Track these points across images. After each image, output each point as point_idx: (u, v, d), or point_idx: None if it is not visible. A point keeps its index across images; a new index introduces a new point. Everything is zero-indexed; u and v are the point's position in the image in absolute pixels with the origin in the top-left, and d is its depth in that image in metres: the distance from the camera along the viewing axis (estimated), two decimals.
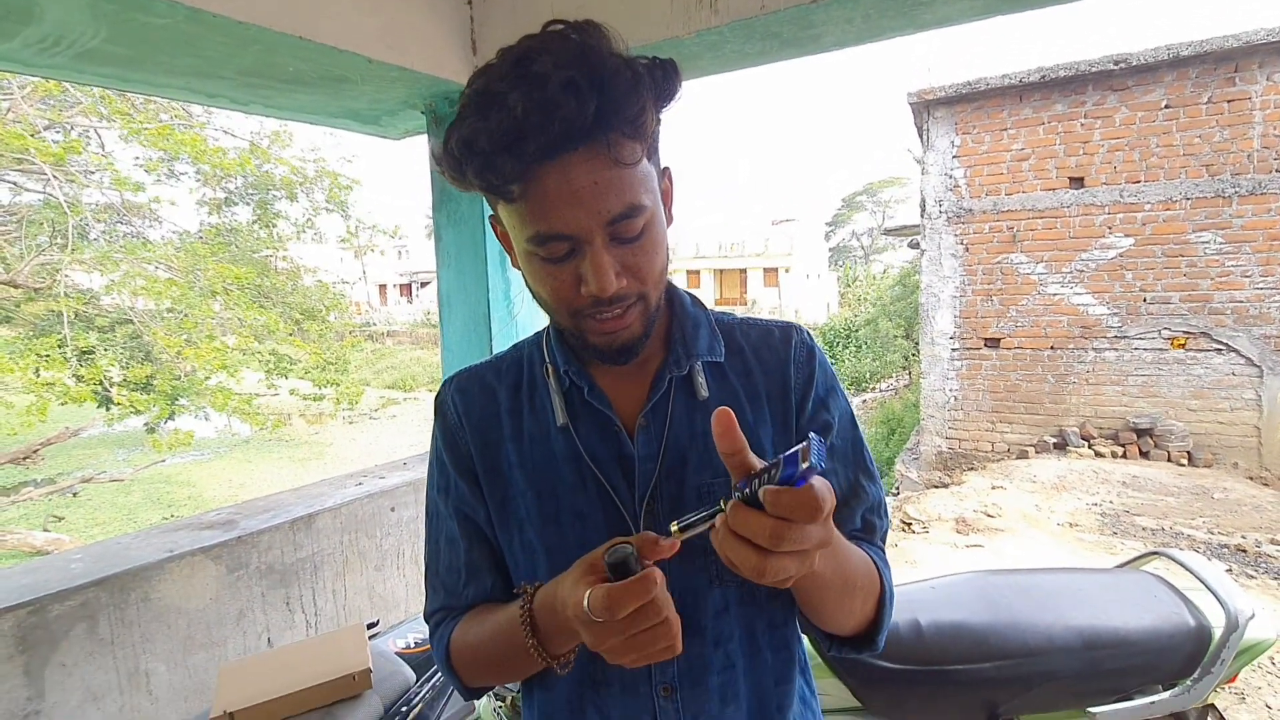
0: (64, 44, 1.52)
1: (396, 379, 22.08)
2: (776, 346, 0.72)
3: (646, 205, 0.58)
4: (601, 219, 0.55)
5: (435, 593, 0.75)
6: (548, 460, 0.68)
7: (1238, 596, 1.42)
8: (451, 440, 0.72)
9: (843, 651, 0.72)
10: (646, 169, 0.59)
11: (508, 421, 0.71)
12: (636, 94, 0.54)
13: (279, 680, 1.12)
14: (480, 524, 0.72)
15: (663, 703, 0.66)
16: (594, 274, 0.57)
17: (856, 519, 0.72)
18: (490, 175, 0.55)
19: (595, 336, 0.62)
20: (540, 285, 0.61)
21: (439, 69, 2.00)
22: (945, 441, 7.74)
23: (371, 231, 10.36)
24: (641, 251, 0.59)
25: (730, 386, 0.70)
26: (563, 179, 0.54)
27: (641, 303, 0.62)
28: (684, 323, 0.71)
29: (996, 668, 1.40)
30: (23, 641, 1.26)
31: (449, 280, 2.32)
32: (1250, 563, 4.25)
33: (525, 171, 0.54)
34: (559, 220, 0.55)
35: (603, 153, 0.54)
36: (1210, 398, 6.64)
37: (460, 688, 0.72)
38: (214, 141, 7.70)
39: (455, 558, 0.73)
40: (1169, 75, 6.55)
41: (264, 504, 1.90)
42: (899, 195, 41.24)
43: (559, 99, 0.51)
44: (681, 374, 0.69)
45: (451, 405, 0.73)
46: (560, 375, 0.69)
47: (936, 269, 7.65)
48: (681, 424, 0.68)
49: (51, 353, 6.73)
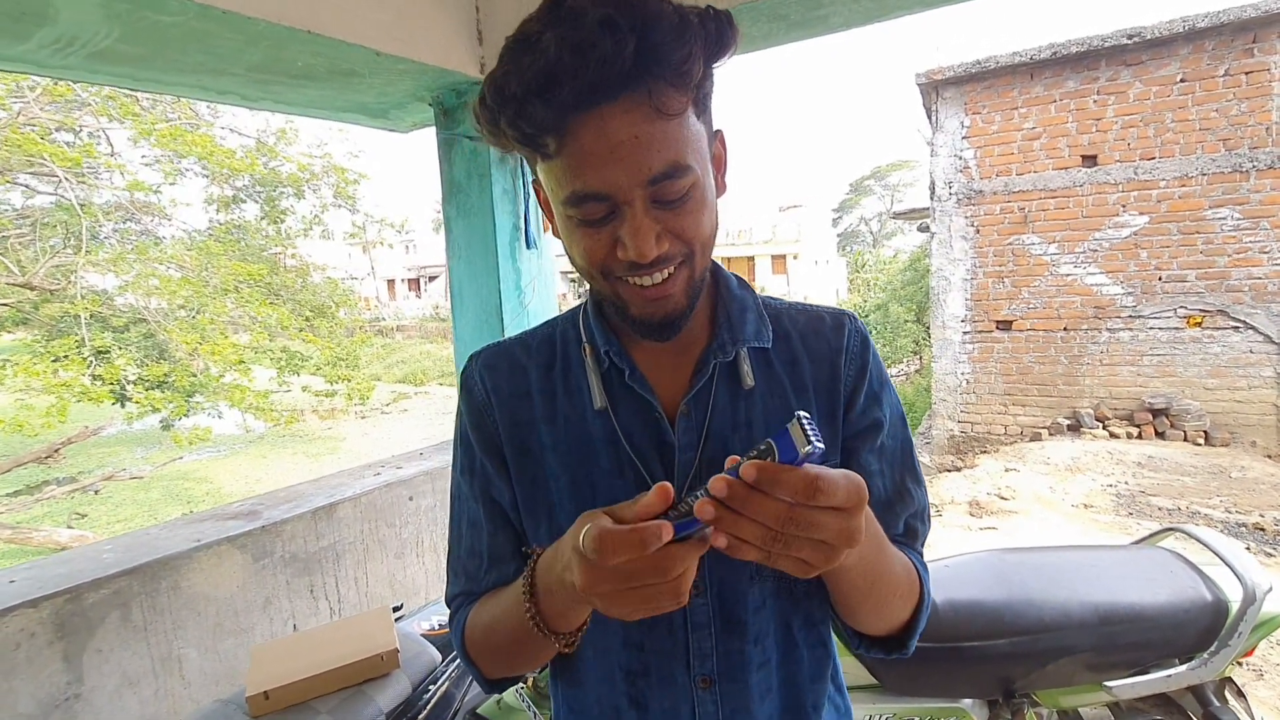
0: (77, 44, 1.54)
1: (407, 373, 22.21)
2: (827, 335, 0.68)
3: (692, 166, 0.53)
4: (641, 177, 0.51)
5: (456, 577, 0.72)
6: (584, 444, 0.65)
7: (1255, 570, 1.42)
8: (478, 418, 0.69)
9: (871, 652, 0.69)
10: (695, 127, 0.54)
11: (540, 402, 0.67)
12: (682, 39, 0.49)
13: (310, 660, 1.15)
14: (505, 507, 0.68)
15: (701, 694, 0.64)
16: (632, 238, 0.53)
17: (900, 524, 0.69)
18: (523, 123, 0.51)
19: (637, 308, 0.58)
20: (577, 250, 0.57)
21: (446, 60, 2.01)
22: (958, 425, 7.71)
23: (380, 226, 10.40)
24: (686, 214, 0.55)
25: (776, 375, 0.66)
26: (600, 133, 0.50)
27: (686, 268, 0.57)
28: (730, 305, 0.67)
29: (1012, 644, 1.41)
30: (61, 628, 1.30)
31: (460, 272, 2.34)
32: (1269, 541, 4.22)
33: (560, 122, 0.50)
34: (596, 178, 0.51)
35: (644, 103, 0.50)
36: (1227, 376, 6.56)
37: (480, 678, 0.69)
38: (221, 141, 7.75)
39: (478, 542, 0.70)
40: (1184, 48, 6.42)
41: (285, 495, 1.94)
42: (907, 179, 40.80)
43: (594, 38, 0.47)
44: (727, 359, 0.65)
45: (479, 381, 0.69)
46: (600, 355, 0.66)
47: (947, 252, 7.58)
48: (724, 413, 0.64)
49: (69, 353, 6.84)
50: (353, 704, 1.13)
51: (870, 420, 0.67)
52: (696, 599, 0.63)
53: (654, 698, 0.65)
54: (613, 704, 0.66)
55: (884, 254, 29.48)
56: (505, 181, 2.24)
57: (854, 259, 28.46)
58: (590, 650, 0.67)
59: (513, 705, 1.46)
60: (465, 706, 1.40)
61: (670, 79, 0.50)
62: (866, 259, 27.14)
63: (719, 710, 0.64)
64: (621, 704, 0.65)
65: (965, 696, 1.48)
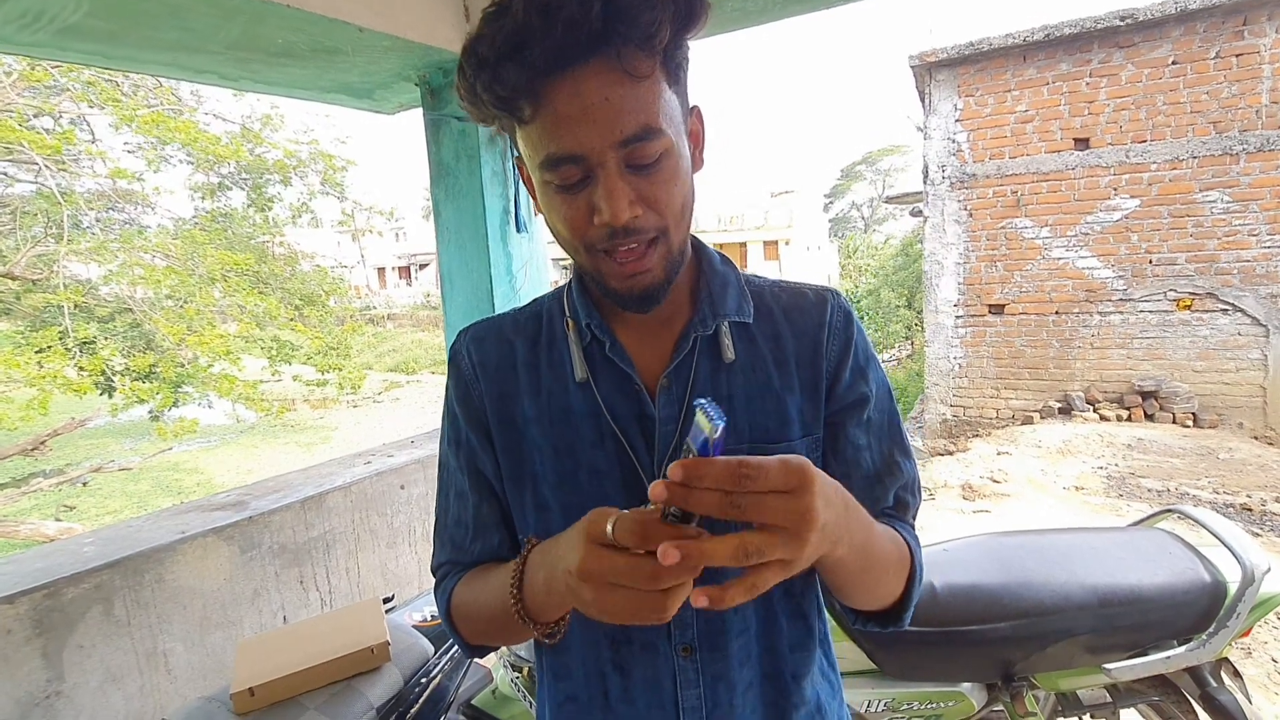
0: (45, 19, 1.47)
1: (398, 362, 22.11)
2: (809, 310, 0.70)
3: (664, 130, 0.55)
4: (613, 138, 0.53)
5: (443, 546, 0.74)
6: (565, 416, 0.66)
7: (1253, 550, 1.41)
8: (465, 392, 0.71)
9: (868, 626, 0.72)
10: (668, 96, 0.56)
11: (524, 375, 0.69)
12: (650, 3, 0.51)
13: (297, 654, 1.12)
14: (490, 479, 0.70)
15: (682, 662, 0.66)
16: (606, 199, 0.54)
17: (890, 496, 0.71)
18: (498, 87, 0.53)
19: (615, 280, 0.59)
20: (555, 217, 0.59)
21: (431, 37, 1.95)
22: (950, 409, 7.74)
23: (368, 213, 10.27)
24: (659, 182, 0.56)
25: (758, 350, 0.68)
26: (573, 94, 0.52)
27: (662, 243, 0.59)
28: (711, 281, 0.69)
29: (1011, 627, 1.40)
30: (40, 624, 1.26)
31: (449, 256, 2.29)
32: (1256, 521, 4.26)
33: (533, 84, 0.52)
34: (570, 139, 0.53)
35: (615, 67, 0.52)
36: (1216, 358, 6.61)
37: (461, 644, 0.72)
38: (205, 126, 7.60)
39: (464, 512, 0.72)
40: (1176, 30, 6.40)
41: (273, 484, 1.90)
42: (899, 164, 40.75)
43: (561, 1, 0.50)
44: (707, 333, 0.66)
45: (466, 356, 0.71)
46: (581, 329, 0.67)
47: (940, 236, 7.57)
48: (705, 387, 0.65)
49: (53, 344, 6.72)
50: (342, 699, 1.10)
51: (856, 395, 0.69)
52: None
53: (637, 664, 0.66)
54: (597, 669, 0.67)
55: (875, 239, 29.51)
56: (495, 163, 2.18)
57: (846, 244, 28.46)
58: (576, 616, 0.67)
59: (508, 695, 1.44)
60: (459, 699, 1.38)
61: (639, 42, 0.52)
62: (858, 244, 27.14)
63: (700, 677, 0.66)
64: (606, 669, 0.67)
65: (964, 680, 1.47)
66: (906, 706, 1.46)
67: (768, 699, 0.68)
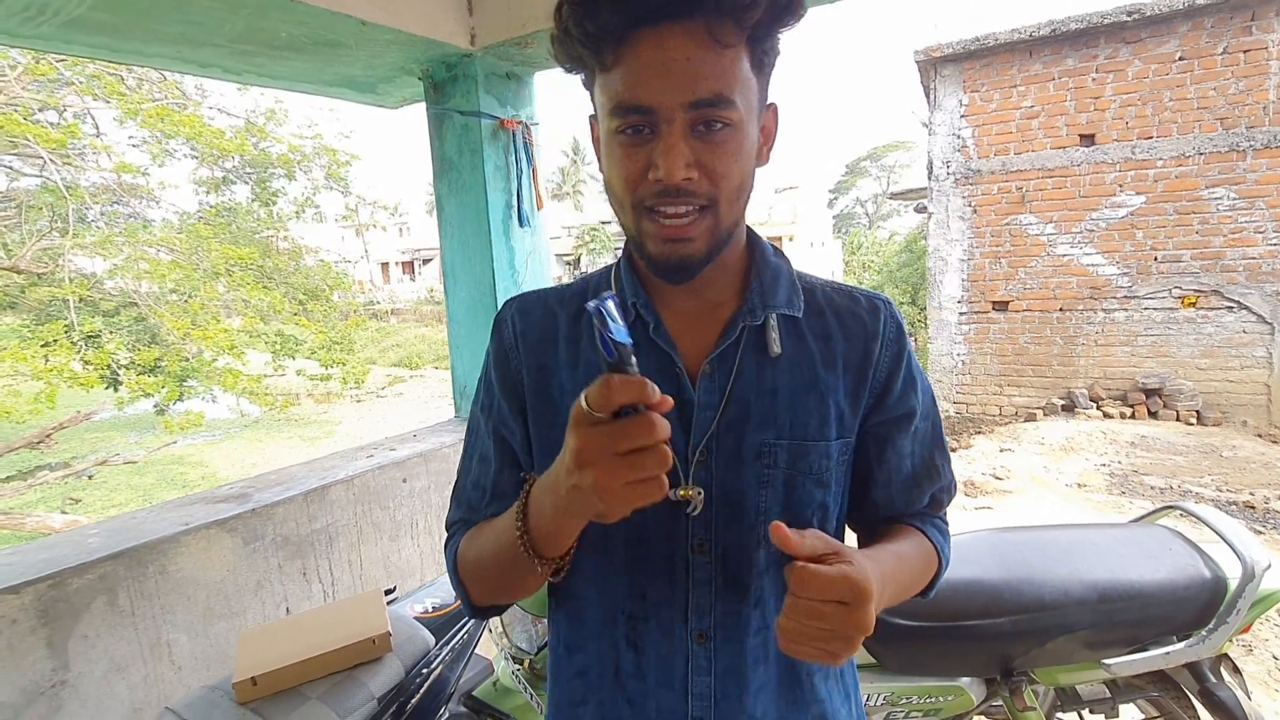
0: (49, 11, 1.48)
1: (402, 357, 22.13)
2: (863, 317, 0.70)
3: (736, 104, 0.56)
4: (685, 98, 0.54)
5: (459, 505, 0.75)
6: None
7: (1254, 547, 1.41)
8: (503, 359, 0.71)
9: None
10: (747, 75, 0.57)
11: (564, 348, 0.69)
12: None
13: (299, 645, 1.13)
14: (515, 449, 0.71)
15: (696, 648, 0.66)
16: (664, 156, 0.55)
17: (926, 497, 0.74)
18: (589, 24, 0.55)
19: (654, 243, 0.59)
20: (613, 169, 0.59)
21: (435, 31, 1.94)
22: (953, 406, 7.73)
23: (372, 208, 10.27)
24: (720, 153, 0.57)
25: (806, 347, 0.67)
26: (658, 47, 0.54)
27: (710, 215, 0.59)
28: (764, 271, 0.68)
29: (1012, 622, 1.40)
30: (44, 614, 1.27)
31: (452, 251, 2.29)
32: (1259, 518, 4.26)
33: (623, 31, 0.54)
34: (644, 89, 0.55)
35: (703, 30, 0.54)
36: (1220, 356, 6.59)
37: (467, 604, 0.71)
38: (210, 121, 7.60)
39: (483, 476, 0.73)
40: (1183, 25, 6.36)
41: (276, 477, 1.91)
42: (903, 160, 40.55)
43: None
44: (755, 324, 0.66)
45: (510, 325, 0.72)
46: (627, 306, 0.67)
47: (944, 232, 7.55)
48: (749, 377, 0.65)
49: (58, 338, 6.75)
50: (343, 689, 1.11)
51: (906, 408, 0.71)
52: (699, 556, 0.65)
53: (651, 644, 0.67)
54: (611, 643, 0.68)
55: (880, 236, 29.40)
56: (498, 158, 2.18)
57: (849, 241, 28.36)
58: (595, 592, 0.69)
59: (509, 687, 1.45)
60: (460, 690, 1.39)
61: (732, 13, 0.54)
62: (862, 241, 27.04)
63: (712, 666, 0.66)
64: (621, 645, 0.67)
65: (964, 675, 1.48)
66: (906, 701, 1.46)
67: (781, 698, 0.68)
